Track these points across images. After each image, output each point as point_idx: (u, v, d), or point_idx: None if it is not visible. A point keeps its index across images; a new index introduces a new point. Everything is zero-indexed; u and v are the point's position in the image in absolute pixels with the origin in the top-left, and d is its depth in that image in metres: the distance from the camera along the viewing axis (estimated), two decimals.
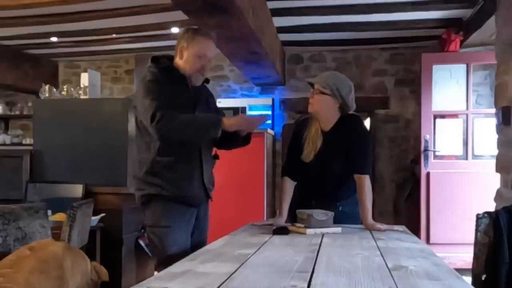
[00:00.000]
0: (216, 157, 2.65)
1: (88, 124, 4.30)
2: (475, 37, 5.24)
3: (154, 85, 2.39)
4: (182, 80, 2.48)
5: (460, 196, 5.32)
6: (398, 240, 2.21)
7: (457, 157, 5.65)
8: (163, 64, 2.49)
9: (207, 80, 2.64)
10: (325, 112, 2.65)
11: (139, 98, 2.41)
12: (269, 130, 6.27)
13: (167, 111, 2.30)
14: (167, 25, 5.52)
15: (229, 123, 2.36)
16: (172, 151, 2.38)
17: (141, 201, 2.47)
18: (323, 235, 2.29)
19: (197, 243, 2.45)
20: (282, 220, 2.69)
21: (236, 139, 2.53)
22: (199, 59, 2.47)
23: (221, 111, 2.72)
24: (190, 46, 2.46)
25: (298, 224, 2.41)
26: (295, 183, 2.75)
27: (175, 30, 5.67)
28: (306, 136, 2.69)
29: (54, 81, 7.23)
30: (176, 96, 2.42)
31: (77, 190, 4.12)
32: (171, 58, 2.54)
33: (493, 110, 4.22)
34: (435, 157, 5.60)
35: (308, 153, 2.66)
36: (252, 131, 2.54)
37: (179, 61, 2.51)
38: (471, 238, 2.48)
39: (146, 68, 2.50)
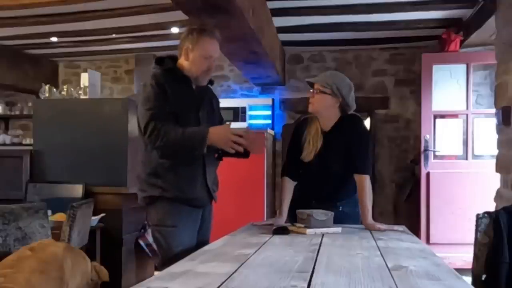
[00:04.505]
0: (219, 158, 2.60)
1: (88, 124, 4.29)
2: (475, 37, 5.23)
3: (153, 92, 2.35)
4: (186, 81, 2.45)
5: (460, 196, 5.32)
6: (398, 240, 2.21)
7: (457, 157, 5.64)
8: (167, 66, 2.46)
9: (211, 82, 2.59)
10: (325, 111, 2.65)
11: (139, 103, 2.39)
12: (269, 130, 6.27)
13: (159, 123, 2.27)
14: (167, 25, 5.52)
15: (214, 139, 2.27)
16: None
17: (144, 202, 2.45)
18: (323, 235, 2.29)
19: (200, 243, 2.41)
20: (282, 220, 2.69)
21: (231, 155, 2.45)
22: (205, 60, 2.43)
23: (219, 116, 2.65)
24: (196, 48, 2.42)
25: (298, 224, 2.41)
26: (295, 183, 2.75)
27: (175, 30, 5.67)
28: (306, 136, 2.69)
29: (54, 81, 7.23)
30: (179, 97, 2.39)
31: (77, 190, 4.12)
32: (175, 59, 2.51)
33: (493, 110, 4.22)
34: (435, 157, 5.60)
35: (309, 153, 2.66)
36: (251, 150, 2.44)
37: (184, 62, 2.47)
38: (471, 238, 2.49)
39: (151, 70, 2.47)
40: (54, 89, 4.73)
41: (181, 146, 2.30)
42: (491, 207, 3.90)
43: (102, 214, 3.97)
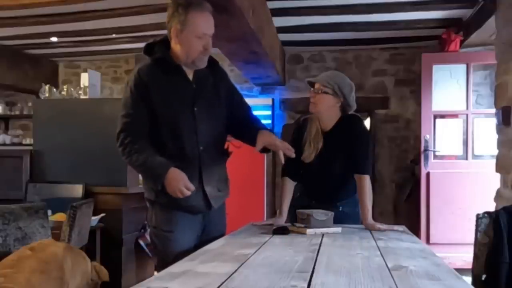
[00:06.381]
0: (226, 153, 2.39)
1: (88, 124, 4.29)
2: (475, 37, 5.24)
3: (130, 96, 2.17)
4: (178, 72, 2.19)
5: (460, 196, 5.33)
6: (398, 240, 2.21)
7: (457, 157, 5.65)
8: (156, 55, 2.19)
9: (214, 62, 2.30)
10: (327, 111, 2.65)
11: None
12: None
13: (128, 137, 2.18)
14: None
15: (167, 182, 2.09)
16: (166, 156, 2.15)
17: (146, 202, 2.36)
18: (323, 235, 2.29)
19: (203, 245, 2.17)
20: (282, 220, 2.68)
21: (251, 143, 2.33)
22: (199, 40, 2.13)
23: (237, 93, 2.42)
24: (186, 28, 2.12)
25: (298, 224, 2.41)
26: (295, 183, 2.75)
27: None
28: (307, 136, 2.69)
29: (54, 81, 7.23)
30: (169, 95, 2.17)
31: (77, 190, 4.12)
32: (169, 43, 2.24)
33: (493, 110, 4.22)
34: (435, 157, 5.60)
35: (309, 154, 2.66)
36: None
37: (175, 46, 2.18)
38: (471, 238, 2.49)
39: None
40: (54, 89, 4.73)
41: (139, 171, 2.28)
42: (491, 207, 3.90)
43: (102, 214, 3.97)
